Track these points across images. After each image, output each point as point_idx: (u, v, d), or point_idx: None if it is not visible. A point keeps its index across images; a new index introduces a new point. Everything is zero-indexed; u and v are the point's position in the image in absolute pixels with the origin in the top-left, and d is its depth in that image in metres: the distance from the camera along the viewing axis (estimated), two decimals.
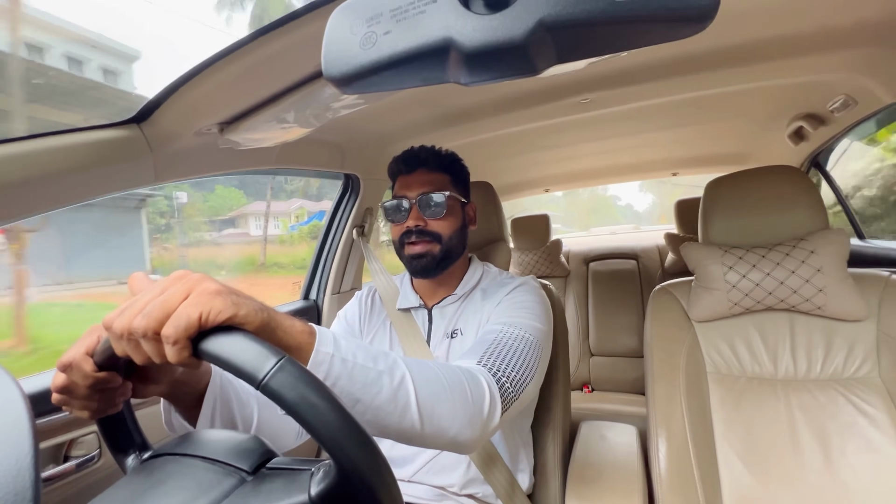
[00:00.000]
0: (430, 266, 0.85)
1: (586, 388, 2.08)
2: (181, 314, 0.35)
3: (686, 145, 1.85)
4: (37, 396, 0.74)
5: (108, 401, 0.44)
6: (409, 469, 0.82)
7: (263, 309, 0.40)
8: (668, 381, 0.96)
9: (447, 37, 0.27)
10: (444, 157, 0.91)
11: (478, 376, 0.60)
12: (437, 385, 0.54)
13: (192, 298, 0.36)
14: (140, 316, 0.36)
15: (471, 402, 0.57)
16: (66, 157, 0.66)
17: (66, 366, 0.41)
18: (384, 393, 0.48)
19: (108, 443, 0.46)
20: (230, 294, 0.38)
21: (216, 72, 0.61)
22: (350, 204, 1.43)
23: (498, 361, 0.66)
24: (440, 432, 0.53)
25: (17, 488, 0.26)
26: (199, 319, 0.35)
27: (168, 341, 0.35)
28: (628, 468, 0.93)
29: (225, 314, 0.36)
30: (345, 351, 0.46)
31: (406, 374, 0.51)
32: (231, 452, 0.39)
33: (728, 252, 0.96)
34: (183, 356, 0.35)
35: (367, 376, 0.47)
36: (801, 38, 0.86)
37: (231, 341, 0.35)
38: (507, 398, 0.64)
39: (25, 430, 0.28)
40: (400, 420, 0.50)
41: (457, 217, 0.88)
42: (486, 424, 0.59)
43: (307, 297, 1.48)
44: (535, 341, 0.74)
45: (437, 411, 0.53)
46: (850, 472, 0.82)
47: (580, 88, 1.06)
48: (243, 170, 1.02)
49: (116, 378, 0.43)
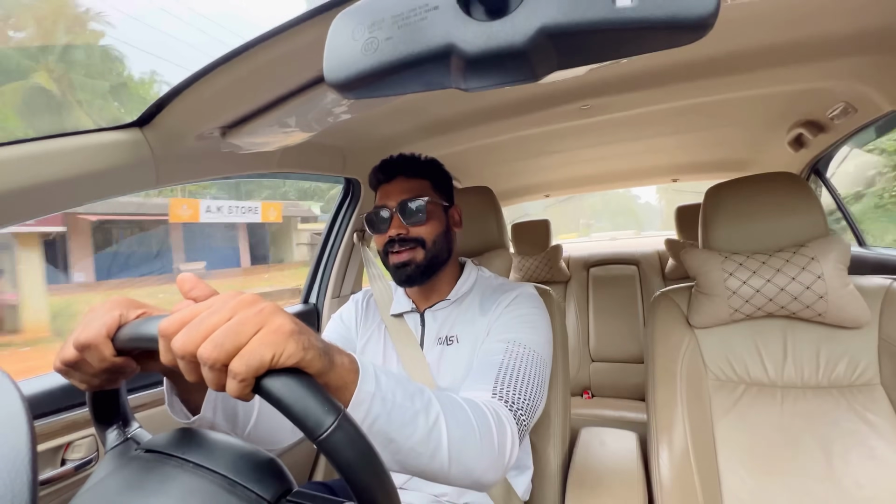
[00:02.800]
0: (414, 274, 0.84)
1: (586, 394, 2.07)
2: (255, 352, 0.33)
3: (686, 152, 1.86)
4: (35, 398, 0.74)
5: (112, 380, 0.43)
6: (403, 475, 0.82)
7: (326, 353, 0.39)
8: (669, 387, 0.95)
9: (449, 43, 0.27)
10: (423, 162, 0.91)
11: (503, 420, 0.61)
12: (467, 428, 0.54)
13: (265, 336, 0.34)
14: (211, 345, 0.33)
15: (496, 446, 0.57)
16: (69, 160, 0.66)
17: (84, 346, 0.40)
18: (418, 433, 0.48)
19: (94, 414, 0.45)
20: (301, 336, 0.36)
21: (218, 76, 0.62)
22: (351, 208, 1.43)
23: (512, 392, 0.67)
24: (465, 474, 0.54)
25: (15, 490, 0.25)
26: (270, 360, 0.34)
27: (235, 377, 0.33)
28: (629, 475, 0.93)
29: (294, 359, 0.35)
30: (385, 389, 0.46)
31: (440, 416, 0.51)
32: (253, 476, 0.38)
33: (728, 258, 0.96)
34: (245, 392, 0.34)
35: (404, 416, 0.47)
36: (800, 46, 0.86)
37: (294, 388, 0.34)
38: (523, 429, 0.66)
39: (23, 432, 0.28)
40: (429, 461, 0.50)
41: (439, 221, 0.88)
42: (508, 465, 0.60)
43: (307, 300, 1.48)
44: (540, 357, 0.75)
45: (464, 454, 0.53)
46: (852, 479, 0.82)
47: (581, 94, 1.06)
48: (245, 173, 1.02)
49: (133, 364, 0.42)
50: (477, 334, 0.83)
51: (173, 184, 0.85)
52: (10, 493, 0.25)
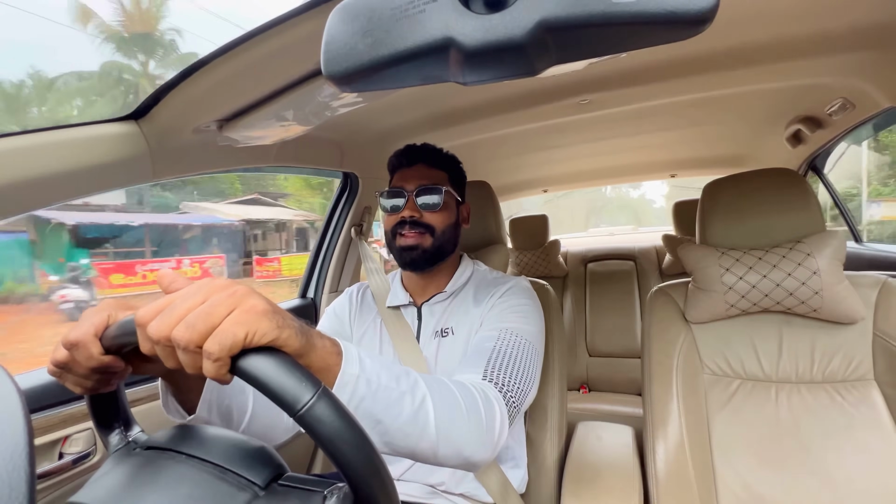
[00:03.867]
0: (419, 259, 0.86)
1: (583, 389, 2.09)
2: (227, 331, 0.34)
3: (685, 147, 1.86)
4: (32, 392, 0.74)
5: (105, 381, 0.44)
6: (401, 467, 0.82)
7: (303, 332, 0.39)
8: (665, 382, 0.96)
9: (447, 36, 0.27)
10: (444, 155, 0.94)
11: (491, 399, 0.62)
12: (454, 408, 0.55)
13: (238, 316, 0.35)
14: (183, 326, 0.34)
15: (484, 424, 0.58)
16: (64, 153, 0.65)
17: (73, 344, 0.41)
18: (405, 414, 0.49)
19: (95, 418, 0.45)
20: (275, 315, 0.37)
21: (215, 68, 0.61)
22: (349, 202, 1.43)
23: (502, 374, 0.68)
24: (454, 453, 0.54)
25: (12, 484, 0.25)
26: (243, 340, 0.34)
27: (210, 357, 0.34)
28: (625, 469, 0.93)
29: (269, 337, 0.35)
30: (369, 371, 0.46)
31: (427, 396, 0.52)
32: (243, 463, 0.38)
33: (725, 254, 0.96)
34: (221, 373, 0.34)
35: (390, 397, 0.48)
36: (799, 42, 0.86)
37: (270, 365, 0.34)
38: (513, 411, 0.66)
39: (20, 425, 0.28)
40: (418, 441, 0.50)
41: (451, 213, 0.90)
42: (497, 443, 0.60)
43: (304, 295, 1.48)
44: (532, 346, 0.76)
45: (453, 433, 0.53)
46: (846, 473, 0.83)
47: (579, 89, 1.06)
48: (242, 167, 1.02)
49: (120, 363, 0.43)
50: (471, 325, 0.84)
51: (170, 177, 0.85)
52: (7, 486, 0.25)
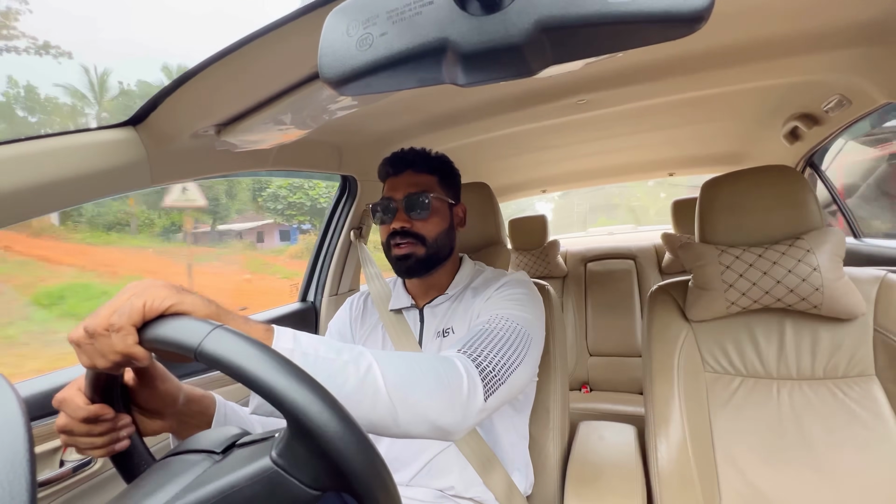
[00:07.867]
0: (414, 267, 0.85)
1: (584, 389, 2.08)
2: (125, 304, 0.38)
3: (682, 145, 1.86)
4: (33, 399, 0.74)
5: (112, 436, 0.45)
6: (408, 472, 0.82)
7: (211, 303, 0.42)
8: (667, 380, 0.96)
9: (443, 38, 0.27)
10: (433, 158, 0.91)
11: (452, 360, 0.60)
12: (406, 371, 0.54)
13: (136, 290, 0.40)
14: (89, 319, 0.39)
15: (446, 384, 0.56)
16: (62, 161, 0.65)
17: (61, 401, 0.44)
18: (350, 382, 0.48)
19: (124, 477, 0.47)
20: (179, 289, 0.40)
21: (213, 74, 0.61)
22: (347, 206, 1.43)
23: (480, 348, 0.66)
24: (418, 417, 0.53)
25: (13, 492, 0.25)
26: (142, 307, 0.38)
27: (113, 329, 0.37)
28: (627, 468, 0.93)
29: (168, 301, 0.39)
30: (305, 346, 0.47)
31: (373, 363, 0.51)
32: (205, 441, 0.40)
33: (725, 251, 0.96)
34: (128, 342, 0.38)
35: (332, 367, 0.48)
36: (795, 38, 0.86)
37: (171, 322, 0.37)
38: (491, 381, 0.62)
39: (21, 433, 0.28)
40: (372, 407, 0.50)
41: (443, 218, 0.88)
42: (468, 406, 0.58)
43: (304, 298, 1.48)
44: (522, 329, 0.72)
45: (410, 396, 0.52)
46: (847, 469, 0.83)
47: (576, 89, 1.06)
48: (240, 171, 1.02)
49: (108, 409, 0.45)
50: (470, 320, 0.84)
51: (168, 183, 0.85)
52: (8, 494, 0.25)
